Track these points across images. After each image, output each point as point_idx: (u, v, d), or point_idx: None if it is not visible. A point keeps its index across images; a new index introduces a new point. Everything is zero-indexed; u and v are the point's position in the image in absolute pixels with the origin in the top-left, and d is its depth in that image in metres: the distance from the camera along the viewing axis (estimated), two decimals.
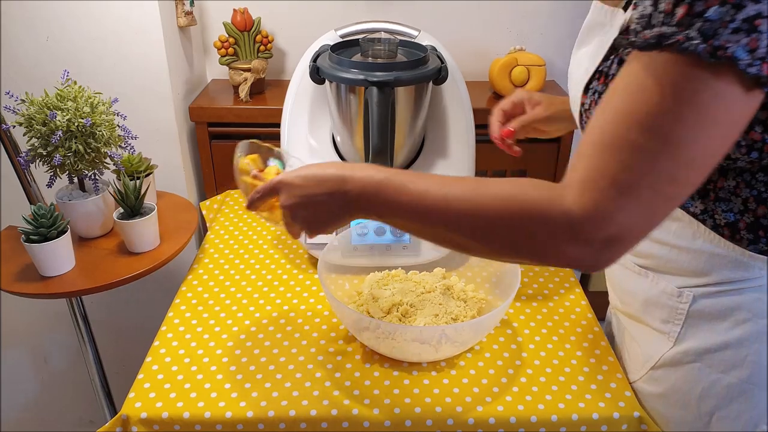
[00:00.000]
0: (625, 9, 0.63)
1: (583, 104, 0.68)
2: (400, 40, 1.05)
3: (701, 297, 0.70)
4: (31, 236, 0.94)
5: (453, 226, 0.60)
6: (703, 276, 0.69)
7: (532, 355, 0.88)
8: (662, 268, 0.73)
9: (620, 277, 0.81)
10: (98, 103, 1.02)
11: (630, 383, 0.83)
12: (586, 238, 0.53)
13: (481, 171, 1.41)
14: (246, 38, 1.39)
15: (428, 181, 0.62)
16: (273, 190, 0.70)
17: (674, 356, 0.74)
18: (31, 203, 1.08)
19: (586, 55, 0.70)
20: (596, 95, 0.65)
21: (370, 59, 1.01)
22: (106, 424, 0.78)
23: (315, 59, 1.02)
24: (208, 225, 1.24)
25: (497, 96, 1.42)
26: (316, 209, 0.67)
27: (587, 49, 0.71)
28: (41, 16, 1.19)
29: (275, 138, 1.10)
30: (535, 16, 1.47)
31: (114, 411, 1.21)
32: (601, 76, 0.65)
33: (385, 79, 0.93)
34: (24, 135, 0.99)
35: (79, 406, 1.66)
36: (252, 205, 0.73)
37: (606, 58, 0.65)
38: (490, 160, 1.40)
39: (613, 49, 0.64)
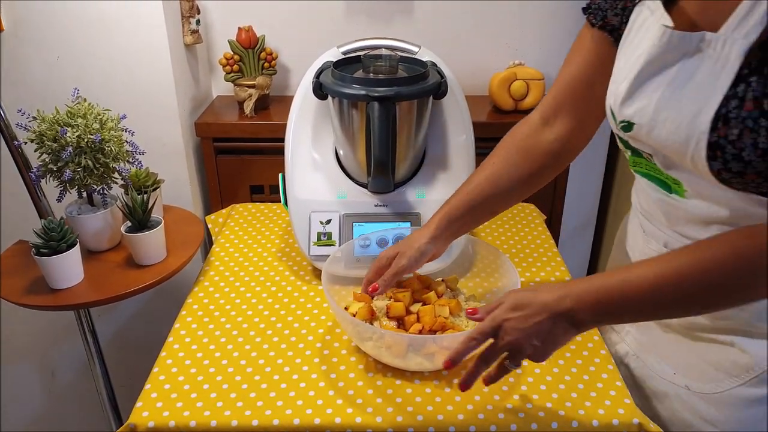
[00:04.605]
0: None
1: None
2: (401, 57, 1.07)
3: None
4: (41, 249, 0.96)
5: (685, 302, 0.64)
6: None
7: (533, 364, 0.89)
8: None
9: None
10: (107, 119, 1.04)
11: (709, 394, 0.78)
12: None
13: None
14: (251, 55, 1.42)
15: (644, 269, 0.64)
16: (494, 330, 0.70)
17: None
18: (41, 217, 1.10)
19: (680, 87, 0.66)
20: (749, 121, 0.61)
21: (371, 75, 1.03)
22: None
23: (318, 75, 1.04)
24: (213, 238, 1.26)
25: (497, 110, 1.45)
26: (542, 338, 0.69)
27: (674, 78, 0.67)
28: (52, 36, 1.23)
29: (279, 153, 1.12)
30: (533, 31, 1.50)
31: (120, 424, 1.22)
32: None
33: (386, 94, 0.95)
34: (35, 151, 1.01)
35: (86, 419, 1.67)
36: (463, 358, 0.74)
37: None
38: None
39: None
